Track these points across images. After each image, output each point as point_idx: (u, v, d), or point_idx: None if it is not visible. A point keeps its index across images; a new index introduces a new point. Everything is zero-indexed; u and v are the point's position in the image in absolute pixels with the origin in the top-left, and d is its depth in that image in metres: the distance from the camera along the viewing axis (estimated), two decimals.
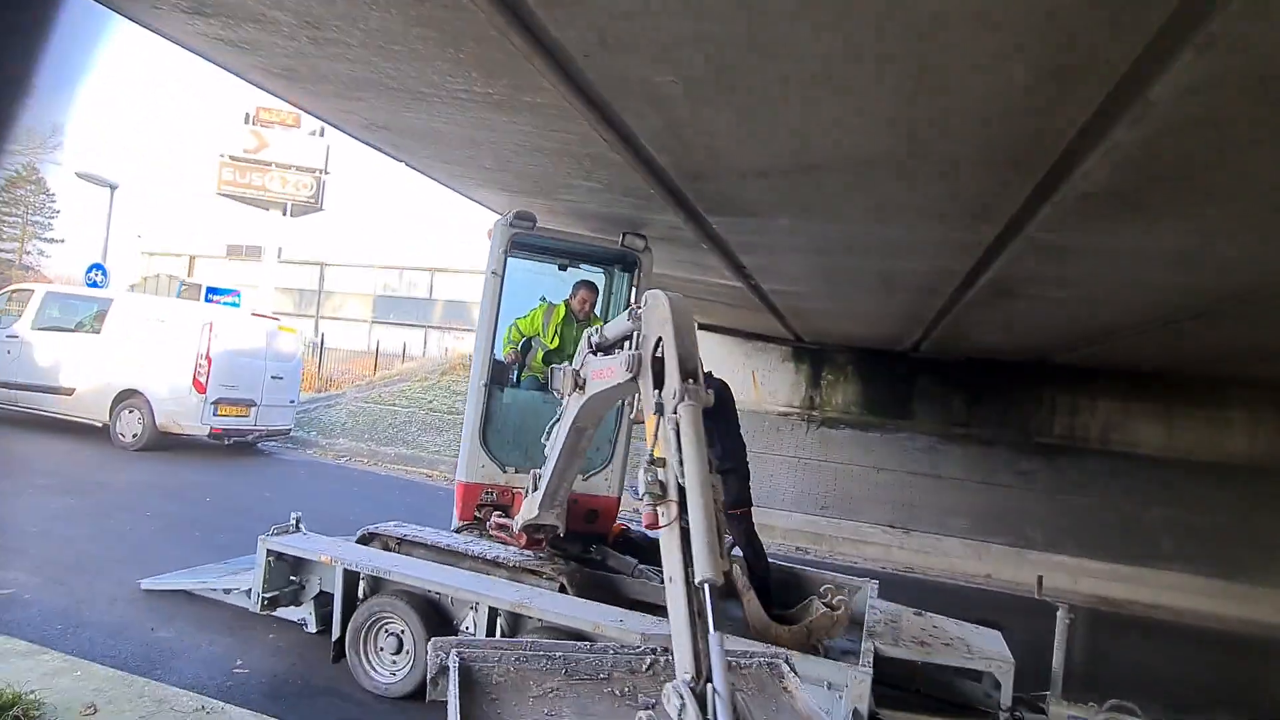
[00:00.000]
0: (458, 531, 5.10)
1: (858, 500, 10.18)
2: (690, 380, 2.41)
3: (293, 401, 11.51)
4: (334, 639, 4.23)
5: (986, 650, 4.14)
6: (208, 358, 9.90)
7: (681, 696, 2.02)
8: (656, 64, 2.39)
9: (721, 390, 5.22)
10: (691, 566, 2.20)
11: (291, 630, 4.63)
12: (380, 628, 4.20)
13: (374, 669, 4.14)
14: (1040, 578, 4.56)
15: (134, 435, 9.86)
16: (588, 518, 5.14)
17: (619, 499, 5.36)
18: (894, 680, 4.33)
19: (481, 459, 4.97)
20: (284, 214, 26.90)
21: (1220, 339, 6.63)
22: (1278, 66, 2.09)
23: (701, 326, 12.44)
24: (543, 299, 5.30)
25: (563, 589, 4.29)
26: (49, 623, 4.30)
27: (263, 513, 4.72)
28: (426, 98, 3.10)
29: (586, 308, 5.25)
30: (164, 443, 9.93)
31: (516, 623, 3.98)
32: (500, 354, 5.22)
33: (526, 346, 5.33)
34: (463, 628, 4.10)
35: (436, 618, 4.16)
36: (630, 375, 2.73)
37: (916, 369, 11.41)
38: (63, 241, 36.58)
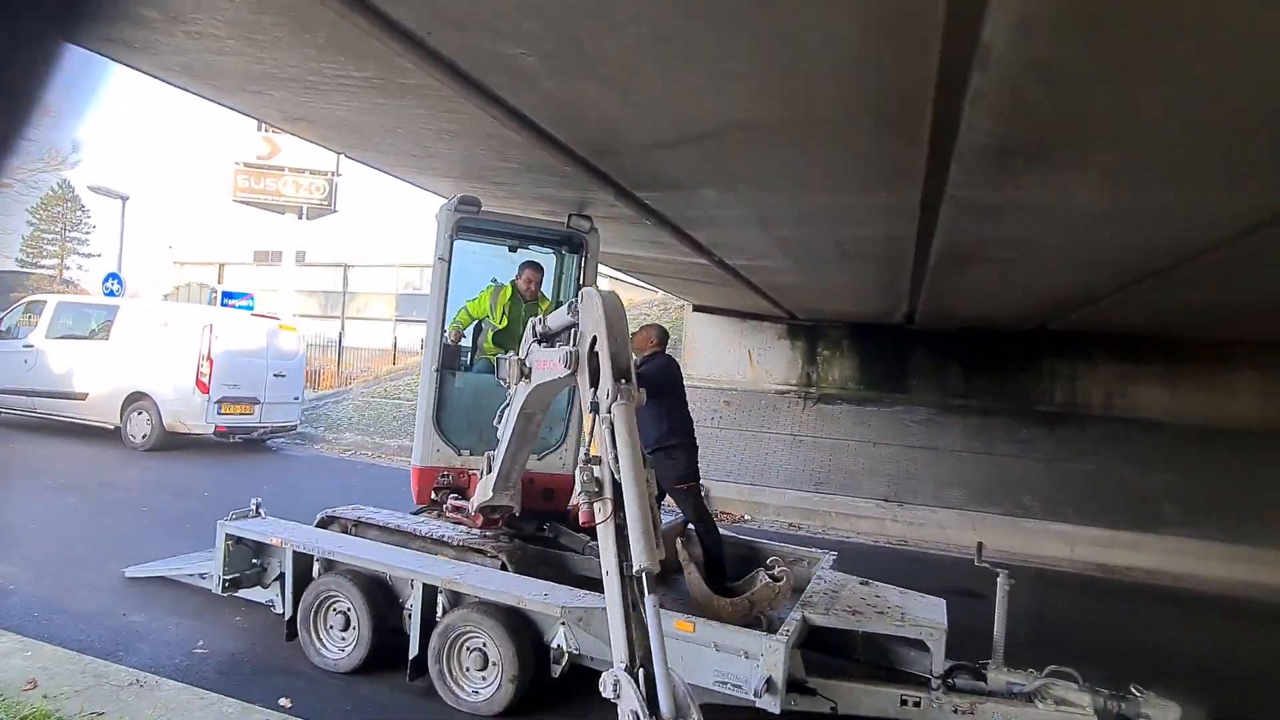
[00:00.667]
0: (416, 514, 5.21)
1: (854, 475, 10.11)
2: (623, 380, 2.52)
3: (297, 398, 11.80)
4: (286, 618, 4.38)
5: (921, 618, 4.11)
6: (209, 358, 10.21)
7: (617, 679, 2.15)
8: (499, 38, 2.43)
9: (668, 365, 5.25)
10: (626, 560, 2.33)
11: (258, 613, 4.79)
12: (329, 606, 4.33)
13: (323, 646, 4.27)
14: (980, 544, 4.46)
15: (143, 436, 10.22)
16: (544, 496, 5.21)
17: (574, 476, 5.43)
18: (836, 650, 4.36)
19: (436, 443, 5.03)
20: (299, 217, 27.43)
21: (1196, 299, 6.47)
22: (1105, 3, 2.06)
23: (696, 308, 12.46)
24: (493, 281, 5.37)
25: (504, 567, 4.36)
26: (28, 610, 4.52)
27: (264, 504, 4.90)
28: (317, 86, 3.18)
29: (533, 288, 5.30)
30: (172, 442, 10.28)
31: (456, 599, 4.08)
32: (447, 336, 5.30)
33: (477, 329, 5.41)
34: (405, 605, 4.21)
35: (382, 596, 4.27)
36: (569, 371, 2.84)
37: (912, 342, 11.28)
38: (99, 256, 37.80)
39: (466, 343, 5.48)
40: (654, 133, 3.26)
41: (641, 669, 2.21)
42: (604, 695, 2.24)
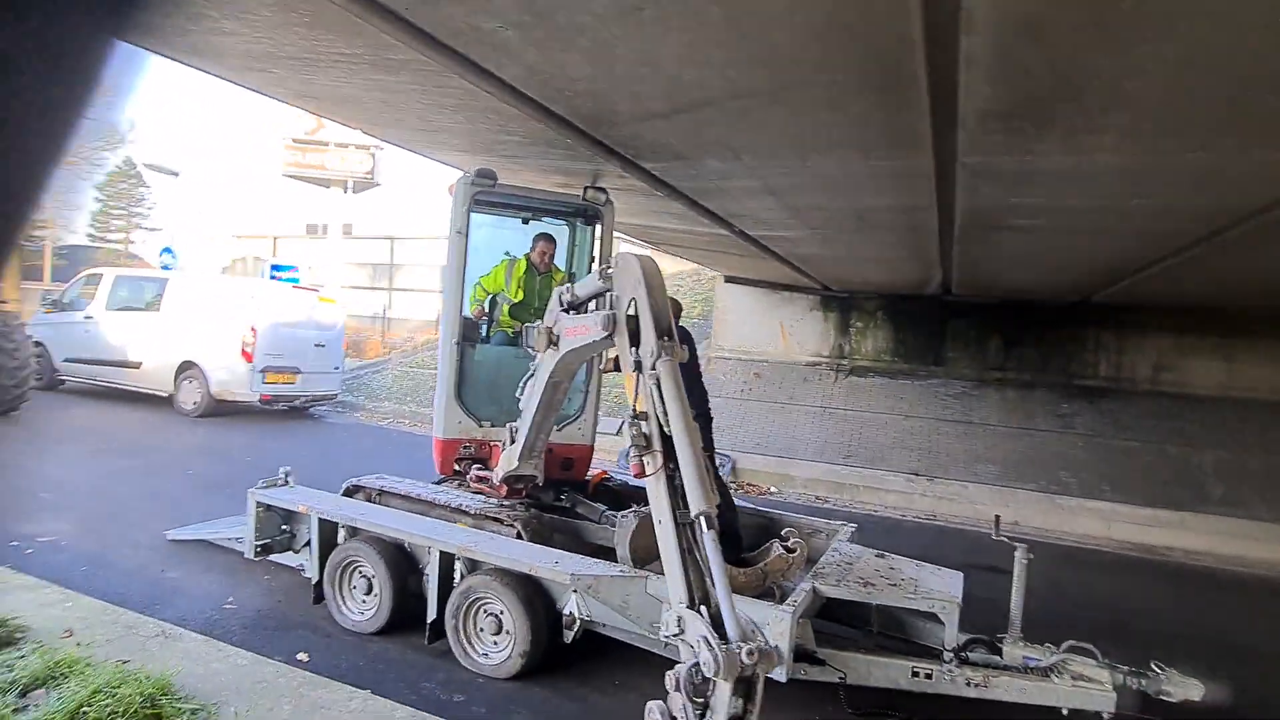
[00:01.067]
0: (438, 484, 5.36)
1: (883, 448, 9.98)
2: (665, 337, 2.58)
3: (337, 368, 12.18)
4: (313, 582, 4.59)
5: (934, 590, 4.08)
6: (253, 329, 10.60)
7: (680, 617, 2.23)
8: (474, 12, 2.43)
9: (684, 338, 5.25)
10: (679, 508, 2.43)
11: (286, 574, 5.02)
12: (353, 570, 4.52)
13: (348, 608, 4.47)
14: (998, 516, 4.38)
15: (194, 403, 10.72)
16: (563, 465, 5.29)
17: (592, 447, 5.51)
18: (850, 621, 4.36)
19: (458, 415, 5.12)
20: (345, 191, 27.99)
21: (1257, 265, 6.11)
22: None
23: (728, 279, 12.35)
24: (506, 254, 5.42)
25: (519, 535, 4.47)
26: (75, 565, 4.85)
27: (299, 471, 5.10)
28: (316, 64, 3.23)
29: (546, 259, 5.33)
30: (221, 409, 10.76)
31: (473, 565, 4.21)
32: (468, 311, 5.38)
33: (493, 303, 5.48)
34: (424, 570, 4.36)
35: (403, 561, 4.43)
36: (606, 333, 2.90)
37: (950, 313, 11.00)
38: (160, 230, 39.36)
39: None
40: (643, 103, 3.23)
41: (703, 605, 2.28)
42: (665, 636, 2.33)
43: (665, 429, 2.49)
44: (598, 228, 5.41)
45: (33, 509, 5.91)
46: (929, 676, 3.62)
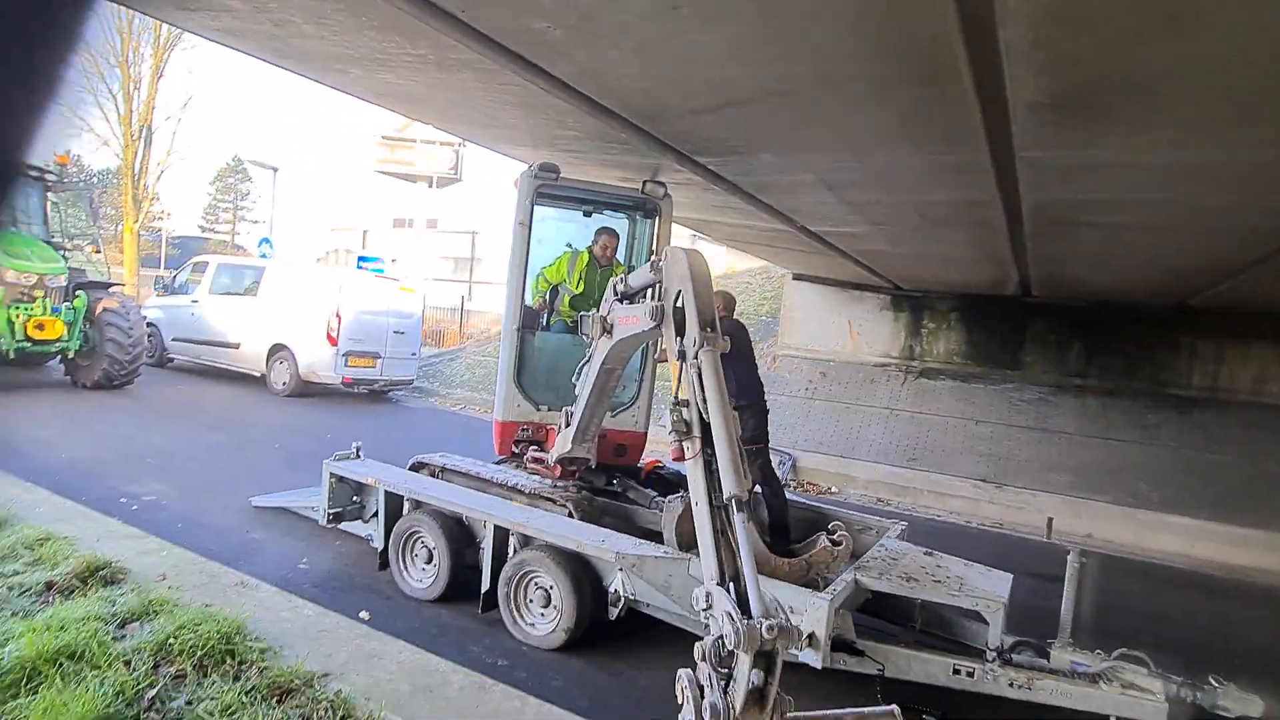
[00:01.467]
0: (497, 464, 5.61)
1: (950, 453, 9.69)
2: (708, 329, 2.72)
3: (414, 354, 12.78)
4: (379, 550, 4.90)
5: (980, 589, 3.99)
6: (338, 315, 11.26)
7: (709, 592, 2.38)
8: (523, 14, 2.59)
9: (738, 331, 5.31)
10: (715, 491, 2.57)
11: (357, 542, 5.36)
12: (415, 541, 4.78)
13: (410, 576, 4.74)
14: (1050, 519, 4.26)
15: (284, 383, 11.50)
16: (617, 451, 5.43)
17: (645, 434, 5.63)
18: (895, 619, 4.34)
19: (517, 399, 5.33)
20: (430, 186, 29.10)
21: None
22: None
23: (796, 276, 12.23)
24: (568, 246, 5.61)
25: (570, 514, 4.64)
26: (173, 523, 5.35)
27: (372, 449, 5.49)
28: (387, 64, 3.49)
29: (609, 253, 5.48)
30: (308, 390, 11.49)
31: (525, 541, 4.41)
32: (530, 301, 5.59)
33: (554, 293, 5.67)
34: (480, 543, 4.60)
35: (461, 534, 4.66)
36: (654, 324, 3.05)
37: (1030, 315, 10.58)
38: (261, 222, 42.03)
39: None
40: (691, 99, 3.33)
41: (732, 582, 2.41)
42: (695, 609, 2.45)
43: (705, 416, 2.60)
44: (655, 221, 5.53)
45: (140, 471, 6.53)
46: (970, 674, 3.56)
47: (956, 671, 3.59)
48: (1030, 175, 4.06)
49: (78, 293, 9.72)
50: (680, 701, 2.23)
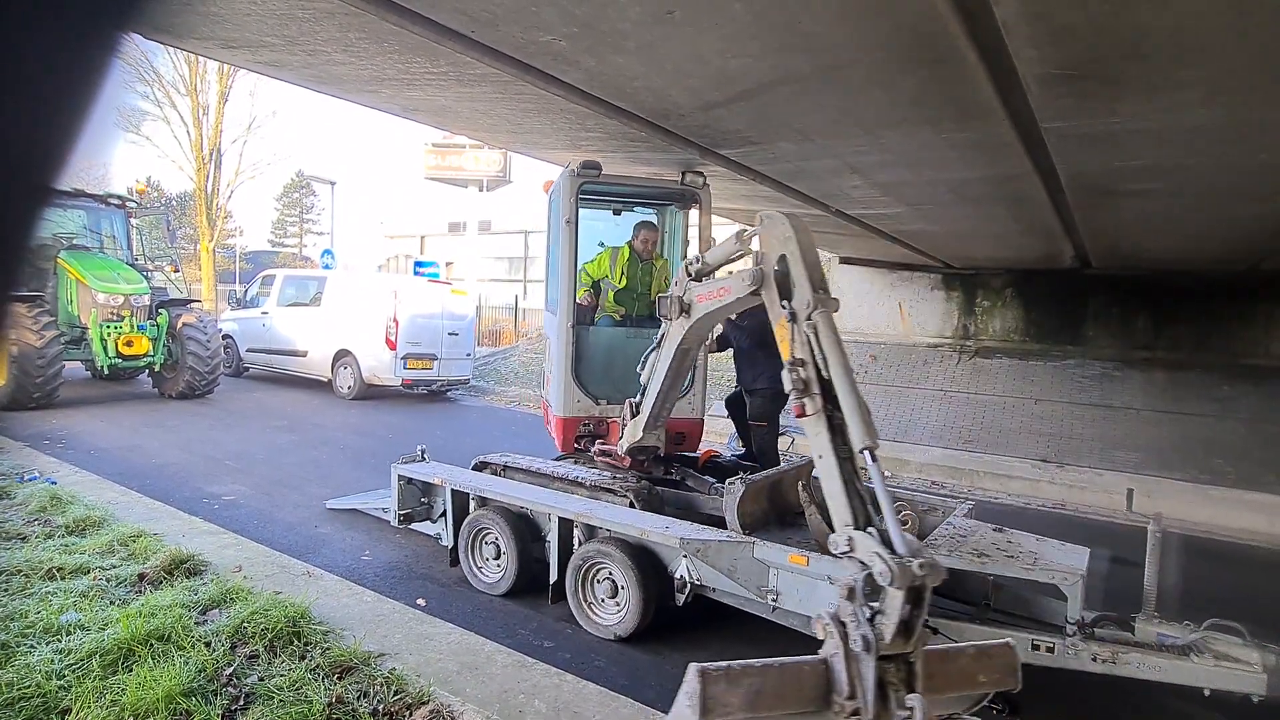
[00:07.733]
0: (557, 460, 5.71)
1: (1008, 434, 9.45)
2: (820, 290, 2.79)
3: (469, 355, 13.22)
4: (449, 548, 5.13)
5: (1056, 563, 3.85)
6: (395, 320, 11.76)
7: (849, 536, 2.44)
8: (528, 29, 2.74)
9: (766, 319, 5.34)
10: (840, 444, 2.61)
11: (418, 538, 5.61)
12: (482, 538, 4.88)
13: (481, 572, 4.86)
14: (1130, 490, 4.10)
15: (348, 387, 12.09)
16: (675, 439, 5.47)
17: (703, 421, 5.69)
18: (968, 598, 4.13)
19: (576, 394, 5.36)
20: (480, 190, 29.74)
21: None
22: None
23: (843, 260, 12.08)
24: (601, 244, 5.75)
25: (631, 504, 4.60)
26: (249, 519, 5.79)
27: (432, 446, 5.69)
28: (413, 83, 3.70)
29: (649, 247, 5.57)
30: (370, 393, 12.06)
31: (590, 532, 4.43)
32: (577, 297, 5.70)
33: (596, 289, 5.80)
34: (546, 537, 4.75)
35: (526, 529, 4.73)
36: (752, 289, 3.09)
37: (1090, 287, 10.17)
38: (325, 234, 43.87)
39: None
40: (699, 95, 3.42)
41: (868, 528, 2.45)
42: (834, 553, 2.51)
43: (824, 373, 2.65)
44: (694, 211, 5.58)
45: (220, 473, 7.04)
46: (1050, 650, 3.40)
47: (1035, 647, 3.41)
48: (1060, 146, 3.99)
49: (160, 311, 10.47)
50: (823, 637, 2.30)
